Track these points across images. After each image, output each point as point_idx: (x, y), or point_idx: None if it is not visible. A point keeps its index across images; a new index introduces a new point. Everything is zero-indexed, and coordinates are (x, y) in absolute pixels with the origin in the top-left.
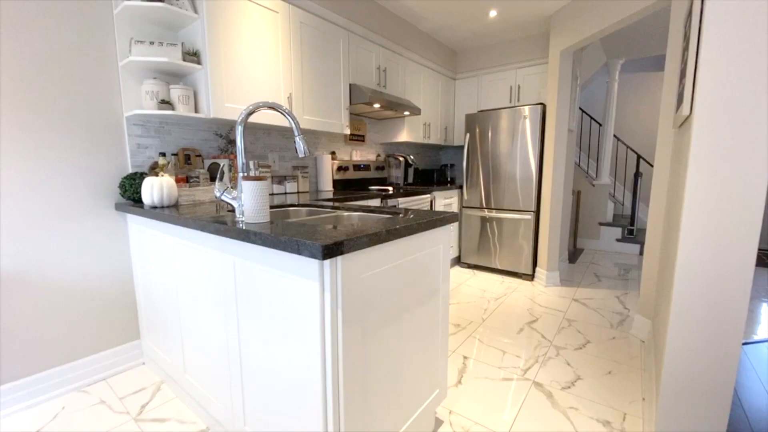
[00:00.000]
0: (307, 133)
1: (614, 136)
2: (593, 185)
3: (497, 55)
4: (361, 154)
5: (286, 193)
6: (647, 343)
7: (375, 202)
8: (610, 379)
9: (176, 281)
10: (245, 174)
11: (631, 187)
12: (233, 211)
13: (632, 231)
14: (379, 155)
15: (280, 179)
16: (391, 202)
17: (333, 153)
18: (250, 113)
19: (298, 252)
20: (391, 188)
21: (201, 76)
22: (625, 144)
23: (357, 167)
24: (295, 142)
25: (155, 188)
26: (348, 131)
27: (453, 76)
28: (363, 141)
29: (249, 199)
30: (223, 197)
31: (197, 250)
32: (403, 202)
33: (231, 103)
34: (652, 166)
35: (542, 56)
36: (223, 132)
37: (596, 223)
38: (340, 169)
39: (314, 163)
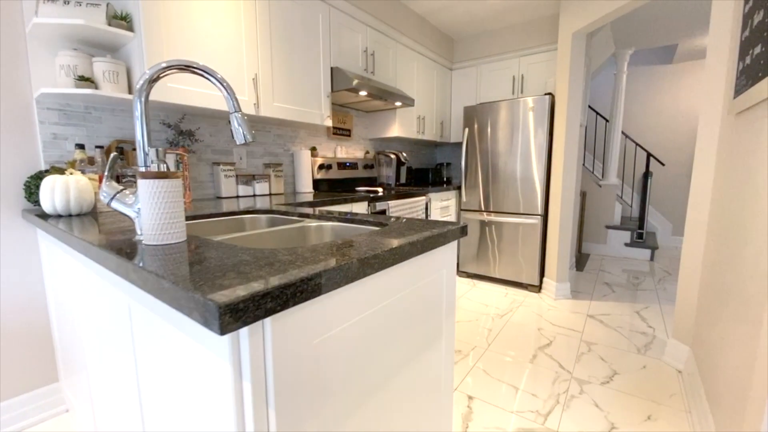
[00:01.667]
0: (280, 125)
1: (622, 132)
2: (599, 186)
3: (498, 41)
4: (347, 151)
5: (254, 196)
6: (686, 374)
7: (362, 206)
8: (651, 428)
9: (80, 316)
10: (145, 168)
11: (638, 189)
12: None
13: (641, 235)
14: (367, 152)
15: (248, 179)
16: (380, 205)
17: (314, 149)
18: (155, 78)
19: (187, 313)
20: (380, 189)
21: (135, 48)
22: (634, 141)
23: (342, 165)
24: (230, 121)
25: (58, 190)
26: (330, 123)
27: (450, 66)
28: (349, 136)
29: (147, 208)
30: (113, 204)
31: (97, 281)
32: (393, 206)
33: (176, 82)
34: (663, 164)
35: (549, 42)
36: (173, 120)
37: (603, 227)
38: (321, 167)
39: (291, 161)
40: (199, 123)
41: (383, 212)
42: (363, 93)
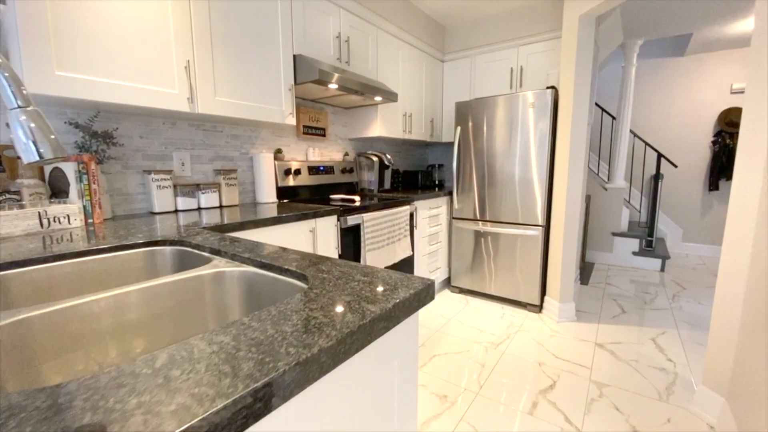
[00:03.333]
0: (235, 123)
1: (630, 131)
2: (605, 189)
3: (494, 29)
4: (321, 153)
5: (200, 209)
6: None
7: (329, 221)
8: None
9: None
10: None
11: (647, 192)
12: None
13: (651, 243)
14: (347, 154)
15: (191, 189)
16: (353, 218)
17: (279, 151)
18: None
19: None
20: (358, 198)
21: (10, 23)
22: (643, 141)
23: (314, 170)
24: (8, 126)
25: None
26: (292, 121)
27: (441, 58)
28: (324, 136)
29: None
30: None
31: None
32: (369, 219)
33: (68, 70)
34: (676, 166)
35: (551, 29)
36: (83, 119)
37: (609, 234)
38: (288, 172)
39: (250, 166)
40: (121, 122)
41: (357, 227)
42: (333, 86)
